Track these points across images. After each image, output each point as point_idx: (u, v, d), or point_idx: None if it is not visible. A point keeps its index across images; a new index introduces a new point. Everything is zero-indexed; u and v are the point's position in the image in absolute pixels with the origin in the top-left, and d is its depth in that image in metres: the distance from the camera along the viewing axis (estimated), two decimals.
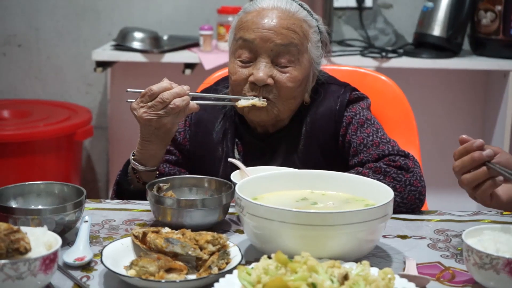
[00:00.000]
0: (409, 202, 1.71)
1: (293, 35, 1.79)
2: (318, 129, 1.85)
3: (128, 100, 1.72)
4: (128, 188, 1.78)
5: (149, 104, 1.64)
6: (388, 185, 1.64)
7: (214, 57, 3.24)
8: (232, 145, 1.89)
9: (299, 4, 1.84)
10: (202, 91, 1.99)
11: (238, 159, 1.86)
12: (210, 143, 1.89)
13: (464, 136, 1.48)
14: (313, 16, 1.86)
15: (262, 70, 1.77)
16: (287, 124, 1.87)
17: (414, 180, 1.71)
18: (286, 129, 1.87)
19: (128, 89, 1.73)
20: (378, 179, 1.68)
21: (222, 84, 1.96)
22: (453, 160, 1.51)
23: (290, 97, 1.81)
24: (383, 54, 3.27)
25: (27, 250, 1.20)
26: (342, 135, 1.84)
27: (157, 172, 1.78)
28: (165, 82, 1.66)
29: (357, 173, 1.72)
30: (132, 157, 1.75)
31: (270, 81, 1.78)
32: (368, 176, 1.68)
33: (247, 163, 1.83)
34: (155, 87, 1.64)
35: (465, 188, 1.49)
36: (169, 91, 1.64)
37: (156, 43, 3.31)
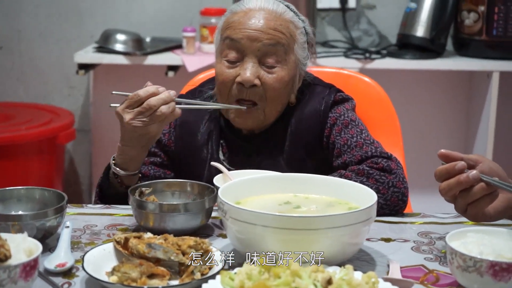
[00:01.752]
0: (392, 204, 1.70)
1: (280, 35, 1.78)
2: (303, 129, 1.84)
3: (112, 105, 1.69)
4: (110, 192, 1.76)
5: (135, 110, 1.62)
6: (371, 187, 1.65)
7: (197, 59, 3.22)
8: (217, 147, 1.88)
9: (286, 5, 1.84)
10: (187, 93, 1.98)
11: (223, 160, 1.85)
12: (195, 145, 1.88)
13: (443, 151, 1.45)
14: (299, 17, 1.86)
15: (249, 70, 1.77)
16: (272, 124, 1.86)
17: (397, 182, 1.71)
18: (272, 129, 1.86)
19: (113, 92, 1.70)
20: (361, 181, 1.68)
21: (207, 86, 1.95)
22: (437, 161, 1.49)
23: (277, 98, 1.80)
24: (367, 55, 3.27)
25: (7, 257, 1.18)
26: (327, 136, 1.84)
27: (140, 175, 1.76)
28: (152, 87, 1.63)
29: (340, 176, 1.71)
30: (113, 161, 1.73)
31: (257, 81, 1.77)
32: (351, 179, 1.68)
33: (232, 164, 1.82)
34: (141, 92, 1.62)
35: (456, 203, 1.46)
36: (156, 98, 1.61)
37: (138, 45, 3.29)
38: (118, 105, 1.66)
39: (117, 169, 1.72)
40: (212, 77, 1.93)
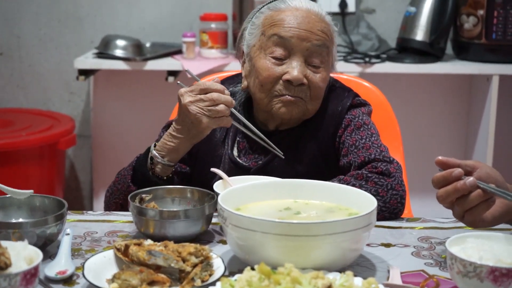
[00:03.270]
0: (391, 207, 1.72)
1: (325, 37, 1.83)
2: (318, 129, 1.87)
3: (179, 82, 1.78)
4: (145, 172, 1.77)
5: (198, 96, 1.69)
6: (370, 189, 1.68)
7: (197, 64, 3.22)
8: (233, 143, 1.90)
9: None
10: None
11: (237, 157, 1.87)
12: (213, 141, 1.90)
13: (440, 158, 1.45)
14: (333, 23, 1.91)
15: (298, 69, 1.80)
16: (298, 123, 1.89)
17: (396, 185, 1.73)
18: (295, 128, 1.89)
19: (178, 82, 1.79)
20: (360, 185, 1.70)
21: (227, 83, 1.96)
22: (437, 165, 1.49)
23: (319, 97, 1.85)
24: (367, 59, 3.27)
25: (7, 265, 1.19)
26: (339, 136, 1.87)
27: (173, 170, 1.79)
28: (220, 85, 1.71)
29: (339, 181, 1.72)
30: (154, 148, 1.77)
31: (305, 80, 1.81)
32: (349, 182, 1.71)
33: (247, 161, 1.85)
34: (209, 83, 1.69)
35: (453, 210, 1.46)
36: (220, 95, 1.69)
37: (138, 51, 3.30)
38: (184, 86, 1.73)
39: (157, 155, 1.75)
40: (232, 75, 2.00)
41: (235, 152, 1.89)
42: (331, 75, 1.97)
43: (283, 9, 1.84)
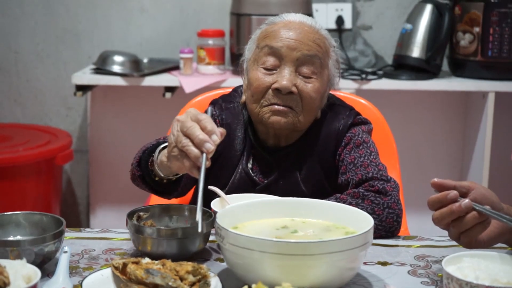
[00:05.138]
0: (388, 225, 1.73)
1: (318, 48, 1.84)
2: (320, 147, 1.89)
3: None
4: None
5: (180, 132, 1.50)
6: (367, 208, 1.70)
7: (195, 80, 3.24)
8: (248, 156, 1.91)
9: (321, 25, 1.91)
10: (218, 106, 1.95)
11: (250, 169, 1.88)
12: (233, 150, 1.91)
13: (436, 180, 1.46)
14: (332, 39, 1.92)
15: (287, 78, 1.81)
16: (298, 139, 1.90)
17: (392, 203, 1.74)
18: (296, 144, 1.90)
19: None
20: (357, 203, 1.71)
21: (223, 100, 1.97)
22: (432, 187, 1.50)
23: (312, 108, 1.84)
24: (363, 76, 3.29)
25: (6, 284, 1.19)
26: (339, 154, 1.88)
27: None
28: (202, 136, 1.47)
29: (336, 199, 1.73)
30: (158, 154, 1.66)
31: (294, 89, 1.81)
32: (346, 201, 1.72)
33: (256, 176, 1.87)
34: (195, 132, 1.48)
35: (449, 231, 1.47)
36: (193, 149, 1.47)
37: (136, 67, 3.31)
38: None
39: (158, 168, 1.66)
40: (228, 93, 2.00)
41: (250, 165, 1.90)
42: (333, 92, 1.99)
43: (277, 22, 1.87)
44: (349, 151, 1.86)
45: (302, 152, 1.89)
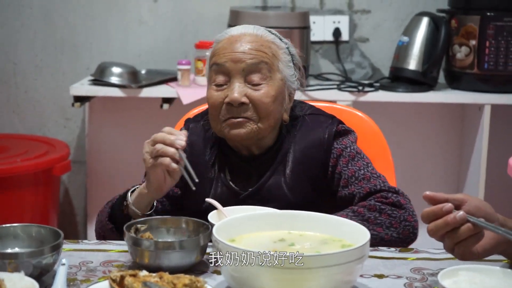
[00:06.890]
0: (404, 237, 1.78)
1: (262, 54, 1.85)
2: (307, 157, 1.90)
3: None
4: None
5: (151, 148, 1.74)
6: (385, 221, 1.76)
7: (192, 92, 3.25)
8: (223, 168, 1.93)
9: (266, 29, 1.92)
10: (191, 126, 2.02)
11: (230, 181, 1.90)
12: (203, 164, 1.93)
13: (428, 193, 1.48)
14: (282, 40, 1.93)
15: (236, 90, 1.83)
16: (272, 145, 1.92)
17: (408, 216, 1.79)
18: (271, 151, 1.91)
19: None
20: (375, 217, 1.76)
21: (193, 120, 2.02)
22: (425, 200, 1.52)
23: (268, 113, 1.85)
24: (360, 88, 3.30)
25: None
26: (332, 166, 1.89)
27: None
28: (170, 137, 1.73)
29: (353, 212, 1.77)
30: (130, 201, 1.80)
31: (245, 99, 1.83)
32: (364, 214, 1.76)
33: (236, 185, 1.89)
34: (159, 135, 1.74)
35: (444, 242, 1.48)
36: (164, 146, 1.71)
37: (134, 78, 3.32)
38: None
39: (134, 208, 1.78)
40: (201, 112, 2.04)
41: (228, 176, 1.92)
42: (313, 103, 2.00)
43: (221, 40, 1.90)
44: (345, 164, 1.88)
45: (282, 159, 1.90)
